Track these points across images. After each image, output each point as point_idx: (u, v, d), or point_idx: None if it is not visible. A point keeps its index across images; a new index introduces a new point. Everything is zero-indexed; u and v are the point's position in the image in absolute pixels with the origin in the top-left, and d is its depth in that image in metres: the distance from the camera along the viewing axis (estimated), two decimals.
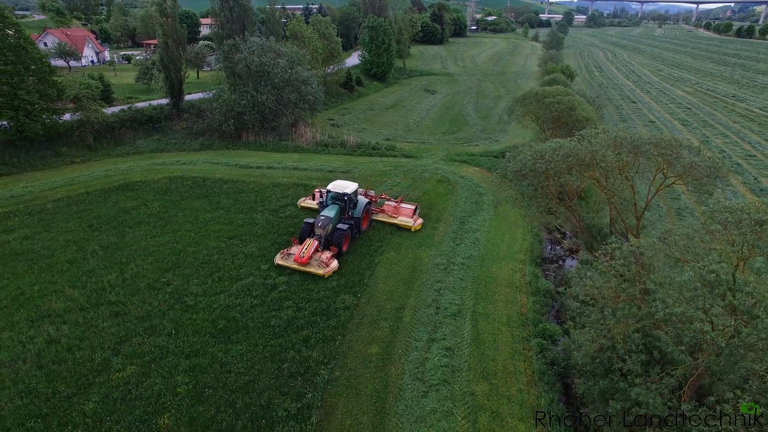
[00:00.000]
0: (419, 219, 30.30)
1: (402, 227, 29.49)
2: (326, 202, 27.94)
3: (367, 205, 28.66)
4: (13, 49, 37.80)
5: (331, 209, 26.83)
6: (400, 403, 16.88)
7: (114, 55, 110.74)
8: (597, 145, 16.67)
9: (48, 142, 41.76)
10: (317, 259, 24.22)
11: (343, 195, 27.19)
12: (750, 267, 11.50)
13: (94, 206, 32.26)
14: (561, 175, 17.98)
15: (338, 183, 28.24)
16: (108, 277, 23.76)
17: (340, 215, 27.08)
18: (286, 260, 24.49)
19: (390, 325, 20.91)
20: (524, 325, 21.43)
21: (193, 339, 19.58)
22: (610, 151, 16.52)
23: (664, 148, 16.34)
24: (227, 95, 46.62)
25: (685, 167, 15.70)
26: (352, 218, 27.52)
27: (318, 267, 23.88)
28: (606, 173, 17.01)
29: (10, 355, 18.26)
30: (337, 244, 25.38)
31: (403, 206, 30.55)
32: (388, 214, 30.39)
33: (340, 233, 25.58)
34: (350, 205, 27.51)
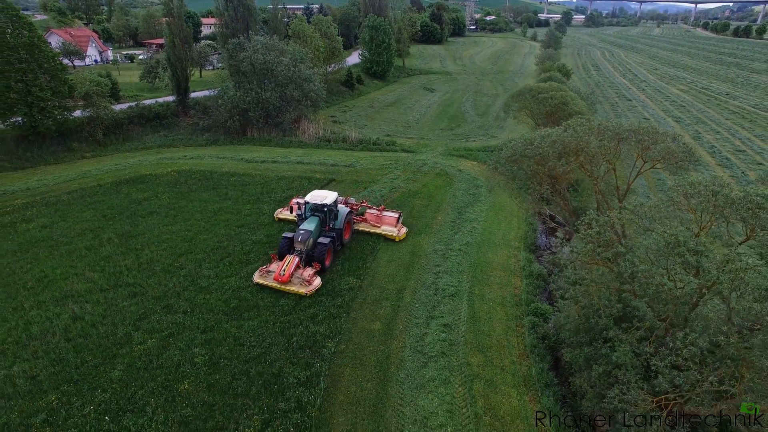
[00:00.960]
0: (403, 228, 28.76)
1: (385, 237, 27.97)
2: (305, 215, 26.11)
3: (349, 214, 27.01)
4: (27, 47, 39.19)
5: (310, 222, 25.03)
6: (402, 373, 18.28)
7: (117, 55, 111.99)
8: (581, 133, 18.08)
9: (60, 138, 43.14)
10: (299, 276, 22.62)
11: (322, 206, 25.42)
12: (713, 234, 12.85)
13: (107, 198, 33.66)
14: (549, 160, 19.38)
15: (316, 193, 26.33)
16: (125, 262, 25.17)
17: (320, 228, 25.40)
18: (265, 278, 22.80)
19: (391, 305, 22.32)
20: (517, 305, 22.83)
21: (207, 316, 20.97)
22: (593, 138, 17.93)
23: (643, 134, 17.77)
24: (232, 92, 48.02)
25: (661, 152, 17.12)
26: (334, 230, 25.93)
27: (300, 285, 22.24)
28: (590, 158, 18.42)
29: (41, 330, 19.68)
30: (319, 259, 23.63)
31: (386, 214, 29.07)
32: (370, 224, 28.86)
33: (321, 248, 23.89)
34: (331, 217, 25.87)
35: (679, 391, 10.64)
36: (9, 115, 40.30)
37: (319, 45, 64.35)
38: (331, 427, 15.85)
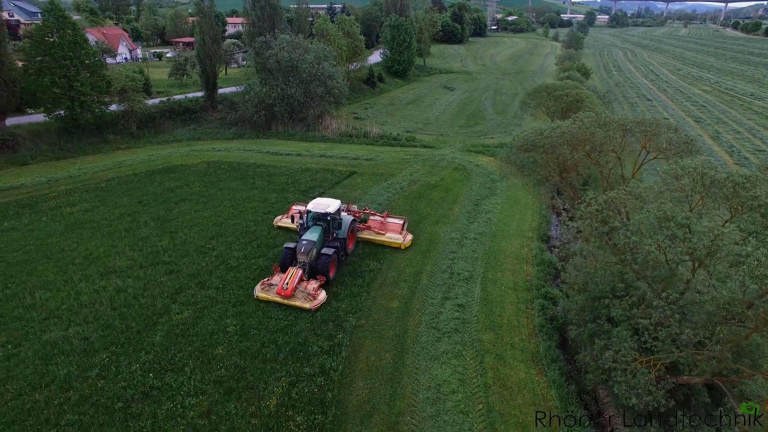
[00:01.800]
0: (408, 235, 27.68)
1: (390, 246, 26.96)
2: (307, 224, 24.97)
3: (352, 223, 26.06)
4: (71, 45, 41.66)
5: (313, 232, 23.96)
6: (417, 346, 19.68)
7: (146, 53, 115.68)
8: (588, 124, 19.22)
9: (97, 130, 45.62)
10: (302, 290, 21.61)
11: (325, 215, 24.20)
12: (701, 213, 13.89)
13: (142, 185, 35.80)
14: (557, 149, 20.55)
15: (319, 201, 25.23)
16: (161, 243, 27.11)
17: (323, 238, 24.33)
18: (267, 293, 21.79)
19: (409, 286, 23.73)
20: (528, 289, 24.02)
21: (237, 292, 22.68)
22: (599, 130, 19.03)
23: (646, 126, 18.80)
24: (258, 88, 50.01)
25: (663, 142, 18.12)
26: (337, 239, 24.75)
27: (304, 300, 21.28)
28: (597, 147, 19.53)
29: (89, 299, 21.64)
30: (323, 271, 22.50)
31: (390, 221, 28.09)
32: (374, 231, 27.79)
33: (325, 259, 22.74)
34: (334, 225, 24.66)
35: (663, 347, 11.79)
36: (53, 108, 42.87)
37: (342, 44, 66.06)
38: (351, 390, 17.34)
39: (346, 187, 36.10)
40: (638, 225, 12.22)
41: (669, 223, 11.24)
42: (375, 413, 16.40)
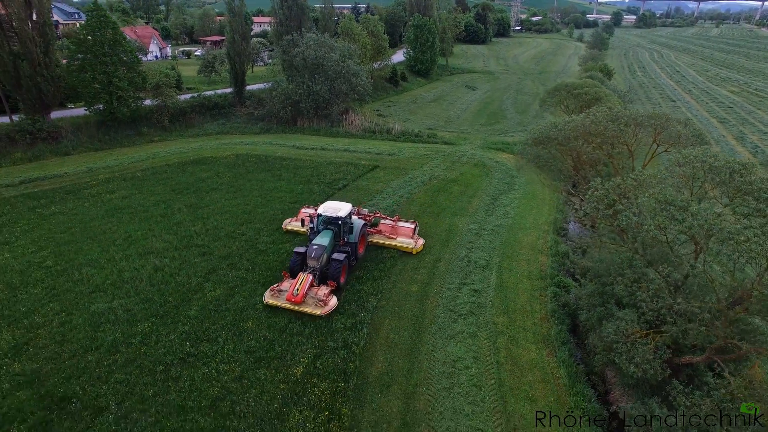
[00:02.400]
0: (420, 239, 27.22)
1: (401, 250, 26.47)
2: (317, 228, 24.56)
3: (363, 227, 25.61)
4: (110, 43, 43.97)
5: (323, 236, 23.53)
6: (434, 326, 20.84)
7: (175, 51, 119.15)
8: (600, 118, 20.06)
9: (132, 123, 47.94)
10: (313, 296, 21.17)
11: (336, 219, 23.74)
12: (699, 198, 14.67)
13: (175, 175, 37.72)
14: (570, 141, 21.43)
15: (330, 205, 24.54)
16: (194, 228, 28.83)
17: (334, 242, 23.86)
18: (277, 299, 21.34)
19: (428, 272, 24.89)
20: (542, 278, 24.92)
21: (266, 273, 24.16)
22: (611, 123, 19.86)
23: (656, 120, 19.56)
24: (285, 85, 51.72)
25: (672, 135, 18.88)
26: (348, 244, 24.17)
27: (315, 306, 20.83)
28: (609, 140, 20.34)
29: (130, 276, 23.42)
30: (334, 277, 22.08)
31: (401, 225, 27.59)
32: (385, 235, 27.27)
33: (336, 264, 22.32)
34: (345, 230, 24.05)
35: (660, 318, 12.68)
36: (93, 103, 45.28)
37: (366, 43, 67.45)
38: (371, 363, 18.61)
39: (369, 180, 37.40)
40: (640, 208, 13.12)
41: (669, 206, 12.14)
42: (393, 384, 17.63)
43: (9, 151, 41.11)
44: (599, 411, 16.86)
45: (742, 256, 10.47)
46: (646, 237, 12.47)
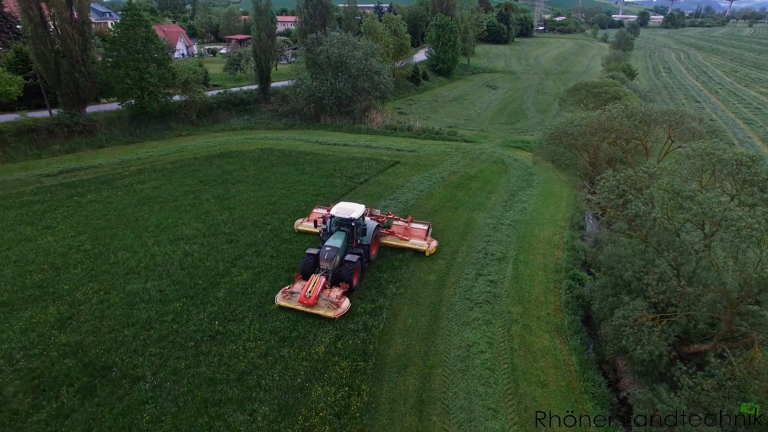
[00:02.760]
0: (434, 241, 26.93)
1: (415, 251, 26.24)
2: (330, 229, 24.41)
3: (376, 228, 25.30)
4: (143, 41, 45.78)
5: (336, 238, 23.30)
6: (451, 313, 21.62)
7: (201, 49, 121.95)
8: (615, 114, 20.53)
9: (162, 118, 49.74)
10: (325, 298, 20.97)
11: (349, 220, 23.60)
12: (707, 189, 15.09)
13: (202, 168, 39.20)
14: (585, 136, 21.93)
15: (343, 206, 24.27)
16: (221, 217, 30.13)
17: (347, 244, 23.62)
18: (289, 301, 21.19)
19: (446, 263, 25.67)
20: (557, 271, 25.46)
21: (290, 260, 25.27)
22: (625, 119, 20.33)
23: (671, 116, 19.95)
24: (309, 82, 52.96)
25: (686, 131, 19.26)
26: (361, 246, 24.00)
27: (327, 308, 20.66)
28: (624, 136, 20.80)
29: (162, 260, 24.77)
30: (346, 279, 21.93)
31: (414, 226, 27.24)
32: (398, 237, 26.93)
33: (349, 266, 22.11)
34: (358, 231, 23.99)
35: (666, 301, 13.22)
36: (125, 98, 47.20)
37: (388, 41, 68.34)
38: (390, 345, 19.49)
39: (389, 175, 38.29)
40: (649, 197, 13.67)
41: (676, 195, 12.70)
42: (410, 365, 18.49)
43: (48, 143, 43.19)
44: (608, 396, 17.46)
45: (743, 241, 10.98)
46: (654, 225, 13.04)
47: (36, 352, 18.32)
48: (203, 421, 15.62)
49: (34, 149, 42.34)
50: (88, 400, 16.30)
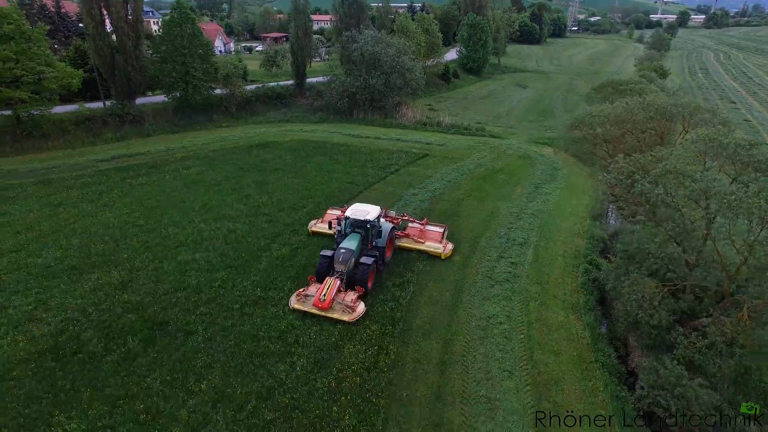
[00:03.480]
0: (449, 244, 26.53)
1: (430, 254, 25.80)
2: (345, 231, 24.08)
3: (392, 231, 24.87)
4: (189, 37, 48.81)
5: (351, 239, 22.95)
6: (473, 289, 23.24)
7: (238, 46, 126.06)
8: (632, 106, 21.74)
9: (204, 110, 52.75)
10: (340, 302, 20.70)
11: (364, 222, 23.17)
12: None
13: (242, 156, 41.76)
14: (604, 126, 23.16)
15: (358, 207, 24.11)
16: (261, 200, 32.47)
17: (362, 246, 23.25)
18: (303, 304, 20.86)
19: (470, 246, 27.27)
20: (576, 257, 26.73)
21: (325, 239, 27.27)
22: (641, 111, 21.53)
23: (684, 108, 21.02)
24: (343, 78, 55.16)
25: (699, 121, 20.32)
26: (377, 248, 23.54)
27: (342, 312, 20.37)
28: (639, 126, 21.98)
29: (209, 235, 27.22)
30: (361, 282, 21.51)
31: (429, 228, 27.03)
32: (413, 239, 26.63)
33: (364, 269, 21.71)
34: (373, 233, 23.48)
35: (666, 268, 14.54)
36: (171, 90, 50.38)
37: (420, 40, 70.04)
38: (416, 314, 21.27)
39: (418, 167, 40.04)
40: (655, 177, 14.99)
41: (678, 175, 13.97)
42: (434, 332, 20.23)
43: (102, 131, 46.58)
44: (617, 366, 18.82)
45: (735, 213, 12.23)
46: (657, 200, 14.40)
47: (104, 308, 20.86)
48: (249, 369, 17.73)
49: (90, 137, 45.72)
50: (150, 348, 18.65)
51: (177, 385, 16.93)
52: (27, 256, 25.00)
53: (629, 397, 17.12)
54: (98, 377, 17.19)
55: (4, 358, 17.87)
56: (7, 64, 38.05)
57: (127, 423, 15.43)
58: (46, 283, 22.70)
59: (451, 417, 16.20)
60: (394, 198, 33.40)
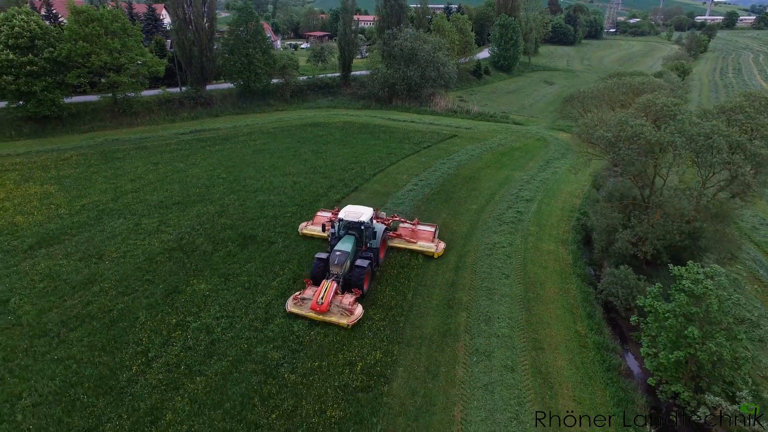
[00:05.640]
0: (441, 243, 26.85)
1: (423, 254, 26.08)
2: (338, 233, 23.99)
3: (385, 232, 25.18)
4: (252, 33, 56.94)
5: (346, 242, 22.89)
6: (485, 227, 29.73)
7: (284, 44, 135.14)
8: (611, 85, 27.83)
9: (263, 96, 60.88)
10: (338, 304, 20.57)
11: (358, 224, 23.34)
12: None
13: (298, 132, 49.39)
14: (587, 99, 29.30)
15: (351, 209, 24.28)
16: (317, 163, 39.84)
17: (356, 248, 23.26)
18: (300, 308, 20.63)
19: (485, 199, 33.80)
20: (572, 211, 32.84)
21: (370, 190, 34.36)
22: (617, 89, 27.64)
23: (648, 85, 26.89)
24: (384, 71, 62.31)
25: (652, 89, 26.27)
26: (371, 250, 23.65)
27: (340, 315, 20.19)
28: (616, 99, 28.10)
29: (278, 185, 34.75)
30: (357, 284, 21.48)
31: (420, 228, 27.33)
32: (405, 239, 26.86)
33: (360, 271, 21.66)
34: (368, 235, 23.61)
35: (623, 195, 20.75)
36: (236, 78, 58.67)
37: (454, 38, 76.48)
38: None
39: (448, 144, 46.77)
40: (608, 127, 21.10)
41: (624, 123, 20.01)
42: (452, 250, 26.86)
43: (179, 111, 55.18)
44: (590, 276, 25.12)
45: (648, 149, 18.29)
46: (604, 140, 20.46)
47: (207, 227, 28.47)
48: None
49: (170, 116, 54.35)
50: (244, 250, 26.08)
51: (267, 270, 24.23)
52: (143, 195, 33.06)
53: (594, 292, 23.42)
54: (212, 263, 24.72)
55: (149, 251, 25.66)
56: (114, 54, 46.77)
57: (236, 288, 22.78)
58: (162, 211, 30.57)
59: (460, 297, 22.83)
60: (426, 166, 40.07)
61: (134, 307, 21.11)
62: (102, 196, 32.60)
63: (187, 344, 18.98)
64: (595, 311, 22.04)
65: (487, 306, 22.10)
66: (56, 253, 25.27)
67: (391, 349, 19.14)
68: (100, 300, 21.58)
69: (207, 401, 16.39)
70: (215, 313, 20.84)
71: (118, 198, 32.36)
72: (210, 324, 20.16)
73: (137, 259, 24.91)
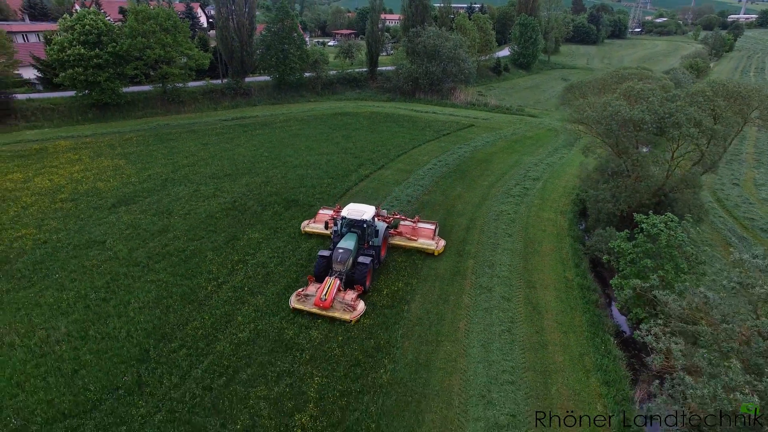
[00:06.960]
0: (441, 240, 27.19)
1: (424, 251, 26.42)
2: (341, 231, 24.51)
3: (386, 230, 25.58)
4: (287, 30, 62.17)
5: (348, 239, 23.44)
6: (494, 199, 34.08)
7: (312, 42, 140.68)
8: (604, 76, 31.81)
9: (296, 88, 66.10)
10: (341, 301, 21.13)
11: (361, 222, 23.83)
12: None
13: (329, 120, 54.37)
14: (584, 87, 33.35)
15: (354, 207, 24.63)
16: (347, 145, 44.71)
17: (359, 245, 23.79)
18: (303, 304, 21.21)
19: (496, 178, 38.13)
20: (574, 188, 36.86)
21: (395, 168, 39.02)
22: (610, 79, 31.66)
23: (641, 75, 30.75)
24: (408, 66, 66.88)
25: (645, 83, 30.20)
26: (373, 247, 24.17)
27: (343, 311, 20.78)
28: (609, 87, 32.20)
29: (314, 162, 39.76)
30: (360, 281, 22.05)
31: (421, 226, 27.53)
32: (406, 237, 27.14)
33: (362, 268, 22.25)
34: (370, 233, 24.10)
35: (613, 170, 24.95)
36: (271, 72, 63.99)
37: (475, 37, 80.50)
38: (453, 207, 32.44)
39: (465, 132, 51.20)
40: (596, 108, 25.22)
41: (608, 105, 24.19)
42: (464, 214, 31.35)
43: (220, 101, 60.72)
44: (582, 236, 29.33)
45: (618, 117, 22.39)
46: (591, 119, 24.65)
47: (256, 193, 33.53)
48: None
49: (212, 104, 59.90)
50: (288, 211, 31.04)
51: None
52: (198, 168, 38.33)
53: (583, 249, 27.63)
54: (262, 220, 29.75)
55: (210, 210, 30.79)
56: (166, 48, 52.42)
57: (283, 237, 27.74)
58: (216, 181, 35.76)
59: (469, 249, 27.29)
60: (445, 150, 44.51)
61: (203, 249, 26.23)
62: (163, 168, 37.99)
63: (248, 274, 23.99)
64: (582, 262, 26.34)
65: (492, 256, 26.55)
66: (134, 210, 30.64)
67: (410, 281, 23.85)
68: (175, 243, 26.76)
69: (267, 311, 21.30)
70: (269, 254, 25.85)
71: (177, 170, 37.69)
72: (265, 261, 25.16)
73: (200, 215, 30.08)
